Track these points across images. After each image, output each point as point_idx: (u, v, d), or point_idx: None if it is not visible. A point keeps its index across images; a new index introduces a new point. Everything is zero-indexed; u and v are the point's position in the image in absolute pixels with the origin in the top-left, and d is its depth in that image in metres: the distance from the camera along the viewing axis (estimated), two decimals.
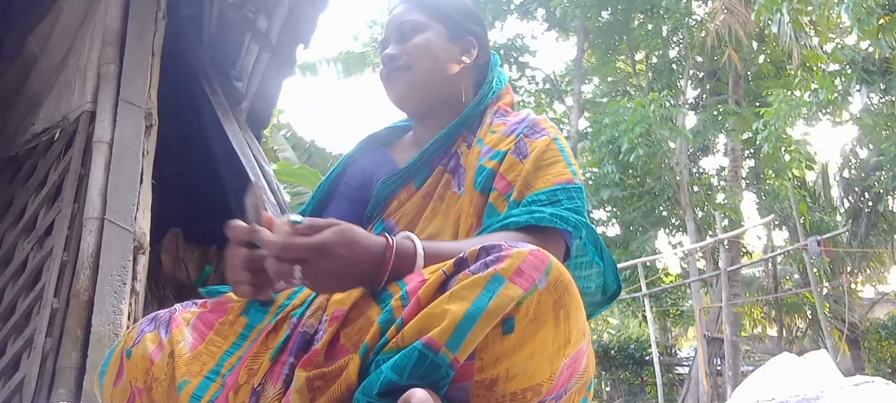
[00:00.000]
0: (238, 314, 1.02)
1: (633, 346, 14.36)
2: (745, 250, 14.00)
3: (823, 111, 12.01)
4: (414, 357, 0.75)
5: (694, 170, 14.43)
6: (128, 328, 1.11)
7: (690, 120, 13.72)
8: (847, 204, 13.66)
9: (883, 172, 11.93)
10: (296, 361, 0.88)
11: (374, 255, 0.88)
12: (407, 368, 0.75)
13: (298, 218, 0.88)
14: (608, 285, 1.19)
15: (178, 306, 1.07)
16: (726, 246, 9.97)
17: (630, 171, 12.54)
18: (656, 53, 14.89)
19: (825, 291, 11.93)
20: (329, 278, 0.86)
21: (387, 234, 0.92)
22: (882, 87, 9.82)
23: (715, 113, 12.93)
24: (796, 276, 14.39)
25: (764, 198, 13.85)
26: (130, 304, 2.48)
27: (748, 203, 14.92)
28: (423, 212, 1.18)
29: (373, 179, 1.29)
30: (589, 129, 14.73)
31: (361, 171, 1.32)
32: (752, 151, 13.57)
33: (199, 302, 1.08)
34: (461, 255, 0.83)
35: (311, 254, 0.84)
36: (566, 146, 1.21)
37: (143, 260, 2.61)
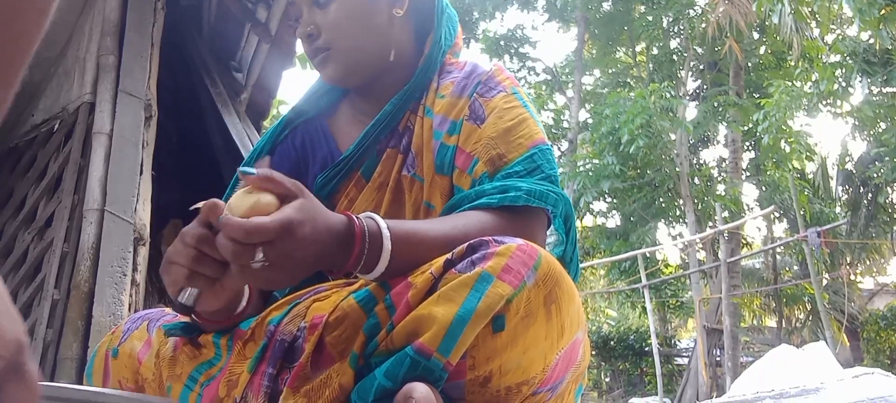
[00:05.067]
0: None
1: (632, 337, 14.38)
2: (744, 241, 14.01)
3: (824, 102, 12.00)
4: (406, 363, 0.74)
5: (694, 162, 14.42)
6: (112, 329, 1.05)
7: (691, 111, 13.70)
8: (846, 196, 13.66)
9: (883, 164, 11.92)
10: (275, 371, 0.84)
11: (334, 235, 0.77)
12: (400, 375, 0.74)
13: (249, 170, 0.75)
14: (565, 260, 1.03)
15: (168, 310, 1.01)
16: (726, 238, 9.97)
17: (630, 162, 12.52)
18: (657, 44, 14.86)
19: (825, 282, 11.93)
20: (291, 261, 0.74)
21: (349, 212, 0.81)
22: (883, 79, 9.80)
23: (715, 104, 12.91)
24: (796, 267, 14.40)
25: (764, 189, 13.85)
26: (131, 295, 2.48)
27: (748, 194, 14.91)
28: (381, 206, 1.04)
29: (307, 161, 1.12)
30: (589, 121, 14.72)
31: (293, 151, 1.13)
32: (753, 142, 13.56)
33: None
34: (448, 257, 0.79)
35: (278, 234, 0.71)
36: (525, 96, 1.08)
37: (144, 251, 2.61)
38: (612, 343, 14.53)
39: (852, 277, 12.98)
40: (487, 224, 0.90)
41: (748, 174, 14.27)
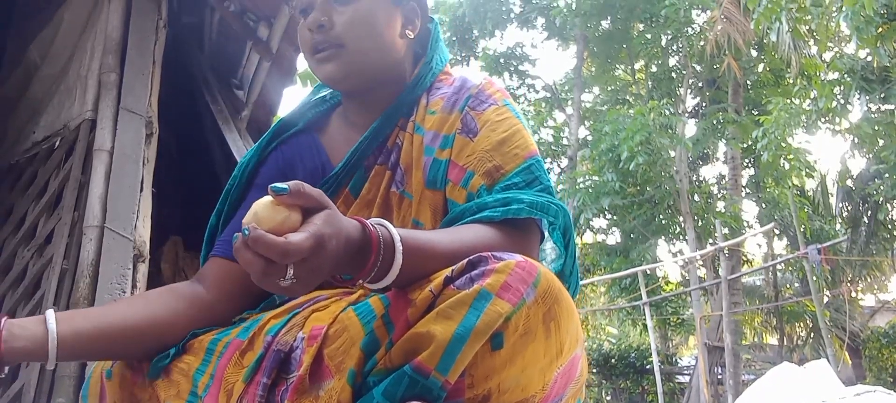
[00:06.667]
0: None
1: (633, 355, 14.31)
2: (745, 258, 13.99)
3: (823, 119, 12.03)
4: (404, 382, 0.73)
5: (694, 179, 14.43)
6: None
7: (690, 128, 13.74)
8: (846, 213, 13.66)
9: (882, 181, 11.93)
10: (270, 381, 0.83)
11: (352, 245, 0.75)
12: (398, 393, 0.73)
13: (280, 186, 0.72)
14: (564, 274, 1.03)
15: None
16: (726, 255, 9.95)
17: (630, 180, 12.53)
18: (656, 62, 14.92)
19: (826, 300, 11.90)
20: (316, 275, 0.72)
21: (360, 219, 0.79)
22: (881, 96, 9.84)
23: (714, 121, 12.94)
24: (797, 285, 14.36)
25: (764, 206, 13.85)
26: None
27: (748, 211, 14.91)
28: None
29: (296, 170, 1.10)
30: (589, 138, 14.75)
31: (282, 159, 1.12)
32: (752, 159, 13.58)
33: None
34: (447, 273, 0.79)
35: (312, 252, 0.69)
36: (517, 107, 1.09)
37: (143, 269, 2.61)
38: (612, 360, 14.44)
39: (853, 294, 12.95)
40: (493, 238, 0.90)
41: (748, 191, 14.27)
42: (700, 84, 14.38)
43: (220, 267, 1.04)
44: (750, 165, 14.21)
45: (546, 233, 1.01)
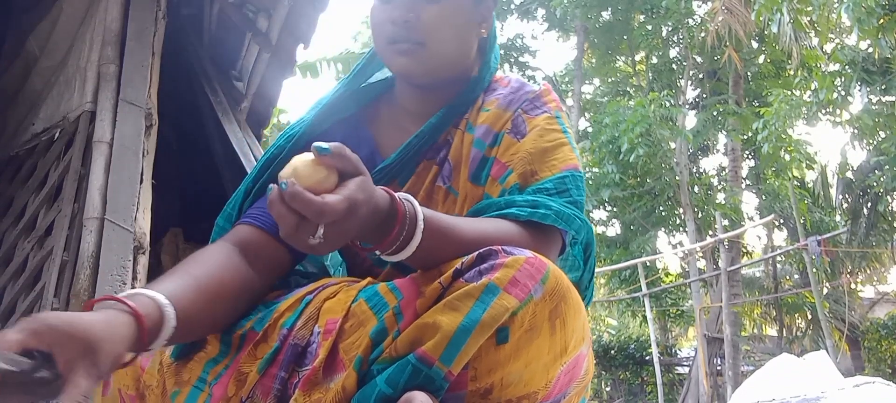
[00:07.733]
0: None
1: (633, 346, 14.35)
2: (745, 250, 14.00)
3: (823, 111, 12.02)
4: (408, 371, 0.74)
5: (694, 170, 14.43)
6: None
7: (690, 120, 13.72)
8: (846, 205, 13.66)
9: (882, 172, 11.93)
10: (287, 375, 0.84)
11: (379, 214, 0.78)
12: (401, 382, 0.74)
13: (324, 145, 0.74)
14: (581, 287, 1.05)
15: None
16: (726, 246, 9.96)
17: (630, 171, 12.53)
18: (656, 53, 14.89)
19: (825, 291, 11.92)
20: (343, 237, 0.75)
21: (389, 190, 0.81)
22: (882, 87, 9.82)
23: (715, 113, 12.92)
24: (796, 276, 14.38)
25: (764, 198, 13.85)
26: None
27: (748, 203, 14.92)
28: None
29: None
30: (589, 129, 14.73)
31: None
32: (753, 151, 13.58)
33: None
34: (457, 266, 0.80)
35: (344, 215, 0.72)
36: (567, 122, 1.10)
37: (143, 260, 2.61)
38: (612, 352, 14.49)
39: (853, 286, 12.96)
40: (514, 235, 0.90)
41: (748, 183, 14.27)
42: (700, 75, 14.35)
43: (273, 247, 0.98)
44: (750, 157, 14.20)
45: (568, 247, 1.02)
